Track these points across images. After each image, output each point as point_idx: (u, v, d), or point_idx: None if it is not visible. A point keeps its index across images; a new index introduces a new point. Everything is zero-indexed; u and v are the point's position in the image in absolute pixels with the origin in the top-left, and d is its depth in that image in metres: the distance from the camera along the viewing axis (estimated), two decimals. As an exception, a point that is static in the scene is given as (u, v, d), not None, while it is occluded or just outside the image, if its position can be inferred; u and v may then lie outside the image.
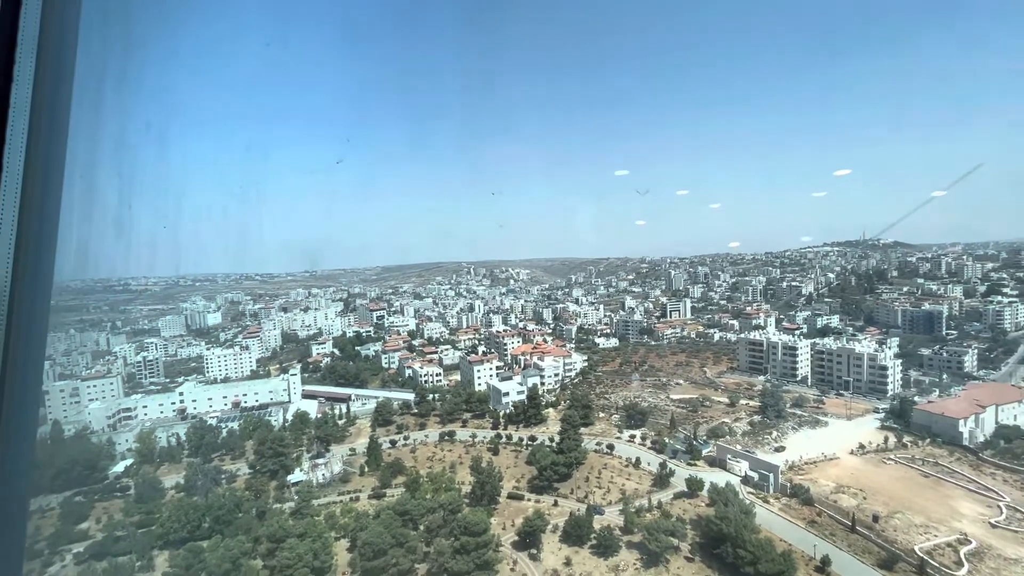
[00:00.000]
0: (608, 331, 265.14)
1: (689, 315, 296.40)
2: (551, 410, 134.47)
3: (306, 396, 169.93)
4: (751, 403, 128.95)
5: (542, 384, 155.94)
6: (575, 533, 74.57)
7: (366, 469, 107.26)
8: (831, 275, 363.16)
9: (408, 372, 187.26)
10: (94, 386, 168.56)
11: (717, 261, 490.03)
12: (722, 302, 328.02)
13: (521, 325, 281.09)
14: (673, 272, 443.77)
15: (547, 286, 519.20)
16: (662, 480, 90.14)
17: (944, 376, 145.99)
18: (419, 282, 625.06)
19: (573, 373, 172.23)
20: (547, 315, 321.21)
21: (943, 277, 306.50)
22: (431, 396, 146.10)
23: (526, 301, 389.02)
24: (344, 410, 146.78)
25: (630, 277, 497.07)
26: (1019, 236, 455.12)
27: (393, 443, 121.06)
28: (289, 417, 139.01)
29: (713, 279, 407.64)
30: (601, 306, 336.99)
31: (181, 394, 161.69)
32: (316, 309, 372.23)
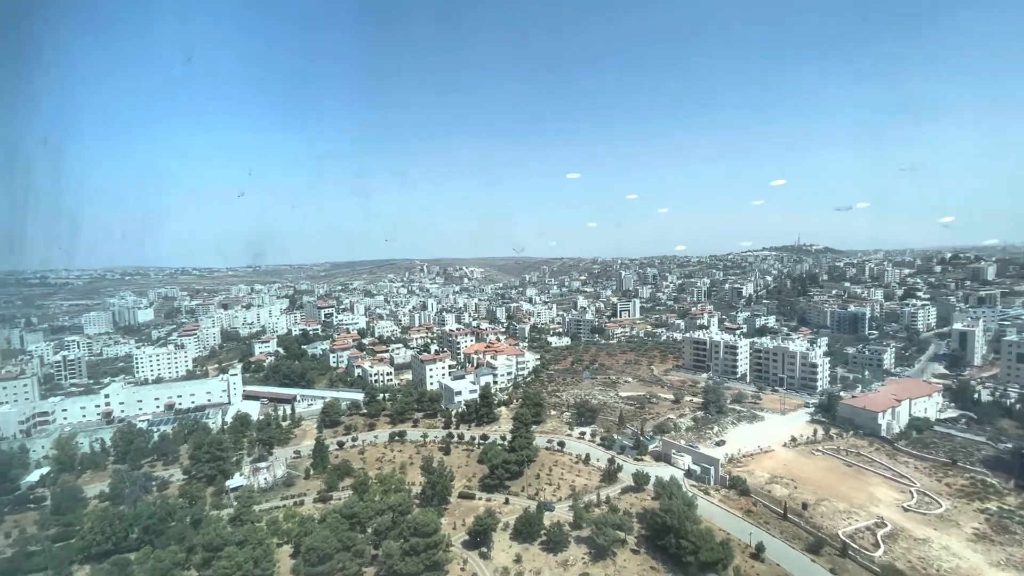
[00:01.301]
0: (561, 330, 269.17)
1: (638, 315, 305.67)
2: (504, 408, 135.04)
3: (247, 397, 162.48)
4: (695, 399, 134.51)
5: (495, 383, 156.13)
6: (526, 530, 75.18)
7: (312, 472, 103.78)
8: (769, 278, 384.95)
9: (358, 371, 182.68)
10: (4, 388, 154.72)
11: (665, 263, 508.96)
12: (669, 302, 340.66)
13: (475, 324, 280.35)
14: (624, 273, 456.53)
15: (501, 285, 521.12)
16: (610, 475, 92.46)
17: (866, 373, 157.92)
18: (370, 279, 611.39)
19: (526, 371, 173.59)
20: (501, 314, 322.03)
21: (866, 281, 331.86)
22: (381, 396, 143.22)
23: (480, 300, 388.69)
24: (289, 411, 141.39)
25: (582, 277, 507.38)
26: (932, 244, 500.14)
27: (341, 445, 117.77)
28: (228, 419, 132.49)
29: (661, 280, 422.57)
30: (554, 305, 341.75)
31: (107, 396, 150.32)
32: (259, 306, 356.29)
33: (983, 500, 79.11)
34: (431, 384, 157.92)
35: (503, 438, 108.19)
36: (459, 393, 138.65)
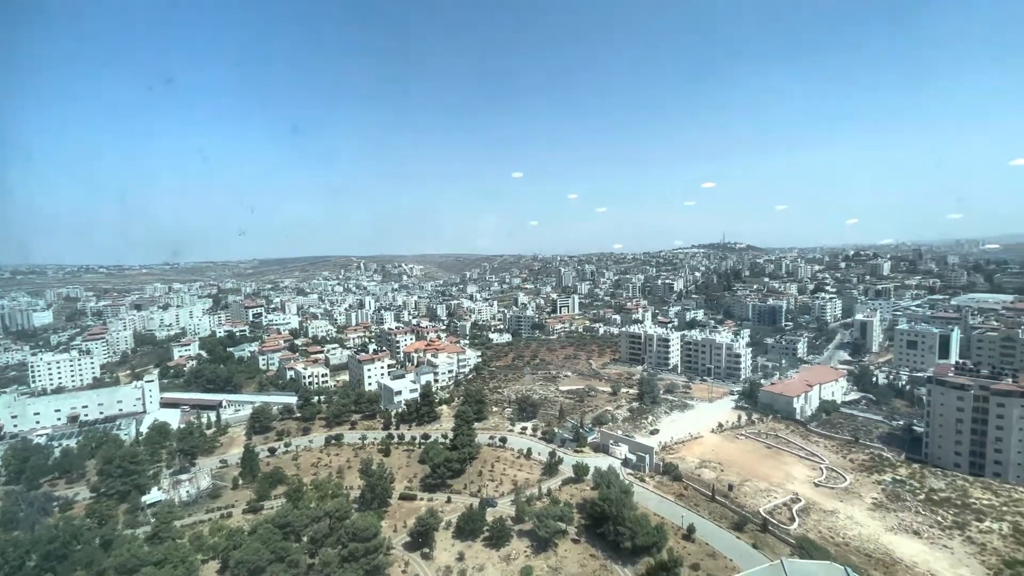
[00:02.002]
0: (502, 327, 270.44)
1: (577, 310, 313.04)
2: (445, 407, 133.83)
3: (166, 405, 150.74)
4: (631, 391, 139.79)
5: (436, 381, 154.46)
6: (468, 528, 74.95)
7: (240, 481, 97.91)
8: (698, 274, 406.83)
9: (290, 374, 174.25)
10: None
11: (603, 260, 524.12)
12: (607, 298, 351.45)
13: (414, 322, 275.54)
14: (563, 270, 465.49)
15: (441, 282, 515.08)
16: (551, 468, 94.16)
17: (783, 361, 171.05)
18: (303, 277, 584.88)
19: (467, 369, 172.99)
20: (441, 311, 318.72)
21: (783, 276, 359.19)
22: (316, 398, 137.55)
23: (420, 297, 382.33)
24: (214, 418, 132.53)
25: (523, 274, 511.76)
26: (838, 242, 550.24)
27: (272, 451, 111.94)
28: (144, 429, 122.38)
29: (599, 276, 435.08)
30: (495, 302, 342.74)
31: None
32: (179, 306, 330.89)
33: (880, 472, 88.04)
34: (369, 385, 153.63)
35: (445, 436, 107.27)
36: (399, 393, 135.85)
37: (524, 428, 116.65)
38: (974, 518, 72.19)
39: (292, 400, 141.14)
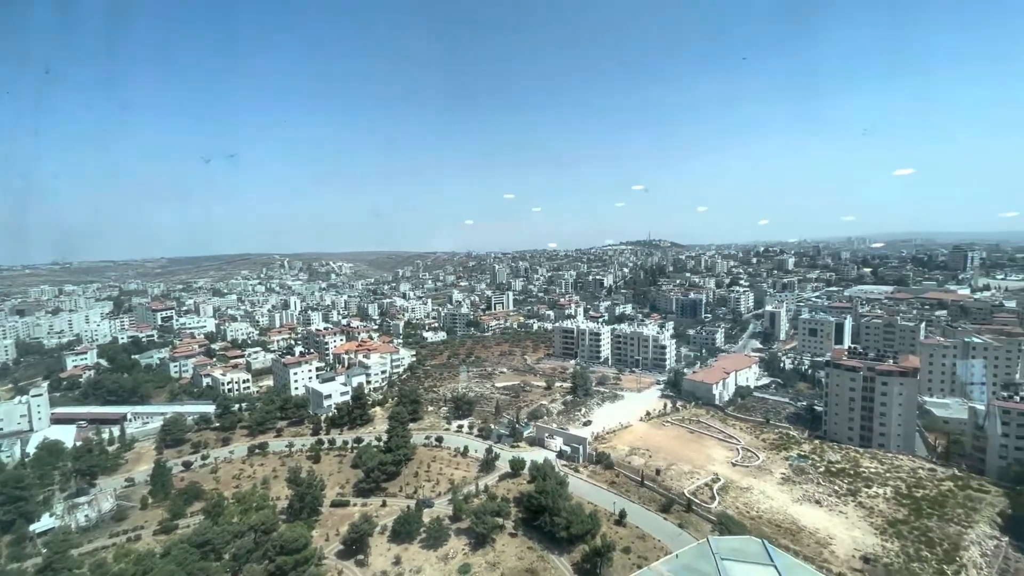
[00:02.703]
0: (436, 325, 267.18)
1: (512, 307, 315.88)
2: (378, 408, 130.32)
3: (59, 421, 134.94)
4: (565, 385, 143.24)
5: (368, 382, 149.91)
6: (404, 531, 73.55)
7: (150, 500, 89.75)
8: (626, 270, 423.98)
9: (206, 381, 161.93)
10: None
11: (536, 257, 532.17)
12: (540, 294, 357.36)
13: (345, 322, 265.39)
14: (497, 267, 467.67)
15: (372, 280, 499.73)
16: (488, 465, 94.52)
17: (703, 351, 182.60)
18: (220, 276, 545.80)
19: (401, 369, 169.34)
20: (373, 310, 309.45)
21: (703, 272, 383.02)
22: (237, 406, 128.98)
23: (350, 296, 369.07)
24: (117, 433, 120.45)
25: (457, 272, 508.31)
26: (751, 240, 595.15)
27: (187, 465, 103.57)
28: (31, 450, 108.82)
29: (532, 273, 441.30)
30: (429, 300, 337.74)
31: None
32: (72, 310, 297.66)
33: (788, 449, 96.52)
34: (296, 389, 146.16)
35: (379, 439, 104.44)
36: (328, 396, 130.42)
37: (460, 426, 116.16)
38: (864, 485, 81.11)
39: (209, 409, 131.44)
